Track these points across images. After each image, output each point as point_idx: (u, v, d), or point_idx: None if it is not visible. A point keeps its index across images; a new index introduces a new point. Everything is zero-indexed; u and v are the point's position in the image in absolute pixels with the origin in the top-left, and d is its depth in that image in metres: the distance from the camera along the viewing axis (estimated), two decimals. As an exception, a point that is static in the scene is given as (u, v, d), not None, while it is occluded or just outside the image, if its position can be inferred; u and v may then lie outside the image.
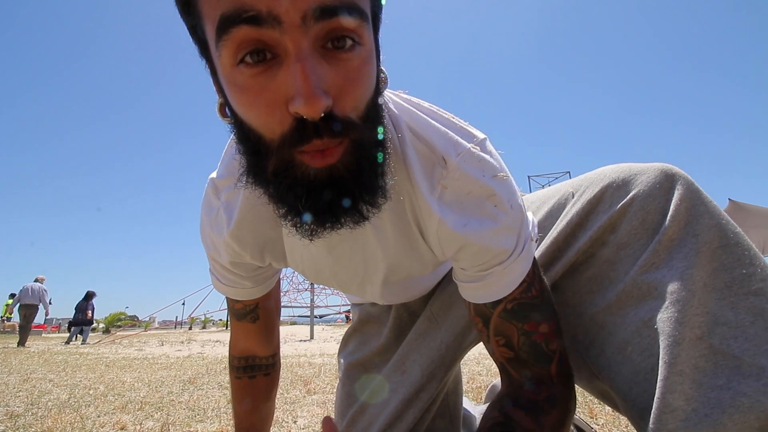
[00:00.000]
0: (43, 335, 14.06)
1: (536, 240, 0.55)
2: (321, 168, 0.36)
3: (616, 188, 0.56)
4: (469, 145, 0.49)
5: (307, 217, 0.39)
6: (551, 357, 0.53)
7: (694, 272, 0.47)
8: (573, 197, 0.62)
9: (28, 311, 6.62)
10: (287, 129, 0.35)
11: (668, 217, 0.50)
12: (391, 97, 0.53)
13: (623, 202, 0.54)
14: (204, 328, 22.50)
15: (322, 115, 0.33)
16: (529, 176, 19.68)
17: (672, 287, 0.47)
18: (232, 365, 0.76)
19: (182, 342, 7.62)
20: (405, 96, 0.54)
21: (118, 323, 21.64)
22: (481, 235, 0.48)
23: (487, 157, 0.49)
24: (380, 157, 0.40)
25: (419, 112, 0.52)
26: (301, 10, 0.32)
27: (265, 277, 0.66)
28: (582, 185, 0.61)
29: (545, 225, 0.64)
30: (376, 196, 0.40)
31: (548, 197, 0.68)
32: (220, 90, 0.40)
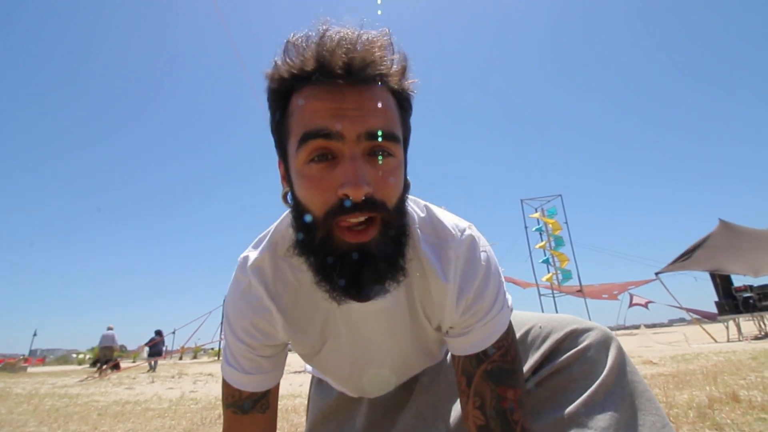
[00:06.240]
0: (28, 370, 13.61)
1: (512, 310, 0.69)
2: (355, 243, 0.49)
3: (575, 336, 0.78)
4: (465, 226, 0.67)
5: (338, 285, 0.51)
6: (514, 429, 0.61)
7: (620, 415, 0.68)
8: (541, 330, 0.80)
9: (107, 351, 10.48)
10: (331, 205, 0.49)
11: (606, 369, 0.72)
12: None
13: (579, 347, 0.76)
14: (195, 358, 21.95)
15: (363, 198, 0.48)
16: (522, 200, 19.91)
17: (604, 423, 0.67)
18: None
19: (173, 377, 7.46)
20: (411, 197, 0.68)
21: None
22: (477, 290, 0.62)
23: (478, 233, 0.67)
24: (403, 240, 0.54)
25: (427, 208, 0.68)
26: (357, 132, 0.49)
27: (281, 360, 0.70)
28: (549, 324, 0.80)
29: None
30: (397, 273, 0.53)
31: (518, 324, 0.83)
32: (288, 182, 0.56)
